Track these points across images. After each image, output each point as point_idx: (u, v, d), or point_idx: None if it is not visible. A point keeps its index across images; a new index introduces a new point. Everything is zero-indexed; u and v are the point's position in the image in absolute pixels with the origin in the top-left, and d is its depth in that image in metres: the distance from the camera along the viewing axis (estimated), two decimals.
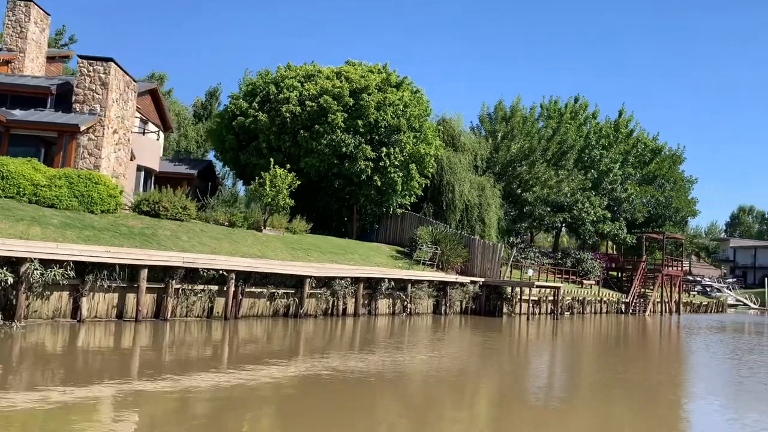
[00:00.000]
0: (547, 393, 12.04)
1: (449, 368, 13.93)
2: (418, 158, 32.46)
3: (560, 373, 15.30)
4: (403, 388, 11.18)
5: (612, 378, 14.36)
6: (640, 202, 46.85)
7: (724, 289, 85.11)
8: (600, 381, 14.10)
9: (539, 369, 15.62)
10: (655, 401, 11.68)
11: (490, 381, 13.05)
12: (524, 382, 13.23)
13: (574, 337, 24.56)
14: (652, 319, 38.62)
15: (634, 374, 15.32)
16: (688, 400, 12.42)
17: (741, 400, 12.26)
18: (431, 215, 34.36)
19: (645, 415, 10.17)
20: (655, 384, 14.03)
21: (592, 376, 15.01)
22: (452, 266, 30.26)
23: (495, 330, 23.35)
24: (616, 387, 13.09)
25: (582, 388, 13.12)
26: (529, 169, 38.58)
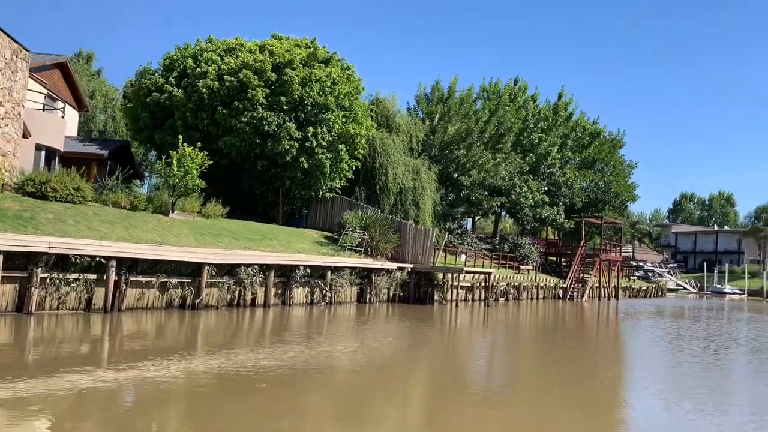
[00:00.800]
0: (479, 384, 11.17)
1: (376, 361, 12.64)
2: (347, 139, 30.71)
3: (492, 363, 14.17)
4: (326, 385, 10.00)
5: (546, 367, 13.36)
6: (579, 186, 46.24)
7: (665, 274, 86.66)
8: (534, 370, 12.95)
9: (470, 359, 14.39)
10: (590, 389, 11.03)
11: (420, 374, 12.03)
12: (456, 374, 12.08)
13: (507, 324, 23.40)
14: (589, 305, 38.07)
15: (567, 361, 14.16)
16: (622, 389, 11.62)
17: (673, 385, 11.18)
18: (363, 199, 32.72)
19: (580, 404, 9.77)
20: (589, 370, 12.89)
21: (526, 366, 13.84)
22: (382, 252, 28.72)
23: (424, 318, 21.94)
24: (550, 376, 12.06)
25: (516, 378, 12.18)
26: (466, 152, 37.26)
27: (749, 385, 12.54)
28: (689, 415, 9.27)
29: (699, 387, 11.64)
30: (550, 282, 39.99)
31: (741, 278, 78.67)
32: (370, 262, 24.83)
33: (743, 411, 9.64)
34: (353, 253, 27.06)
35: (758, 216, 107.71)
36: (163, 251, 17.35)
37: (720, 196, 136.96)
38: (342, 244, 27.04)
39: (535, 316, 28.45)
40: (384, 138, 33.26)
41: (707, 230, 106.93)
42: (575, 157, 46.36)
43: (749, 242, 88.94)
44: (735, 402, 10.56)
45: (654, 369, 14.10)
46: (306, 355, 12.48)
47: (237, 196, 33.18)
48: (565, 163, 46.11)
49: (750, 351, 17.94)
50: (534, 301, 36.54)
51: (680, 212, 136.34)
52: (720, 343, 19.51)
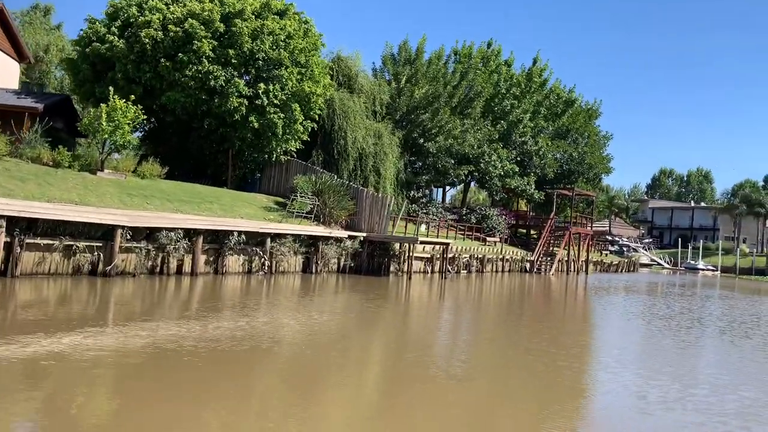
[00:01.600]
0: (434, 362, 10.05)
1: (320, 337, 11.29)
2: (302, 98, 28.72)
3: (445, 339, 12.79)
4: (263, 364, 8.86)
5: (503, 343, 12.11)
6: (552, 157, 44.62)
7: (640, 249, 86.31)
8: (493, 347, 11.61)
9: (424, 334, 12.93)
10: (550, 367, 9.93)
11: (370, 350, 10.96)
12: (410, 351, 10.90)
13: (462, 298, 21.97)
14: (556, 279, 36.90)
15: (520, 341, 12.74)
16: (581, 365, 10.46)
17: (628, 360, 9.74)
18: (320, 164, 30.88)
19: (541, 383, 8.99)
20: (540, 347, 11.44)
21: (481, 342, 12.47)
22: (336, 220, 27.06)
23: (374, 290, 20.42)
24: (507, 359, 10.64)
25: (472, 355, 11.07)
26: (432, 117, 35.38)
27: (714, 371, 11.20)
28: (653, 406, 7.86)
29: (661, 368, 10.26)
30: (517, 255, 38.69)
31: (715, 255, 78.44)
32: (316, 230, 23.12)
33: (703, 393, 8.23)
34: (304, 220, 25.36)
35: (734, 193, 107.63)
36: (66, 211, 15.48)
37: (698, 172, 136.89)
38: (290, 210, 25.30)
39: (494, 290, 27.10)
40: (344, 99, 31.30)
41: (684, 206, 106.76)
42: (548, 126, 44.56)
43: (725, 219, 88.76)
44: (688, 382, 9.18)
45: (615, 352, 12.71)
46: (233, 329, 10.88)
47: (187, 158, 31.20)
48: (538, 132, 44.40)
49: (715, 332, 16.68)
50: (499, 275, 35.25)
51: (659, 188, 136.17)
52: (682, 322, 18.25)
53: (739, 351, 13.43)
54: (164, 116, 28.73)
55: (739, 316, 21.03)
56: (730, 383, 9.68)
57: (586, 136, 48.50)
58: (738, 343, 14.66)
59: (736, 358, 12.62)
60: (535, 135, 44.14)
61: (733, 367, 11.46)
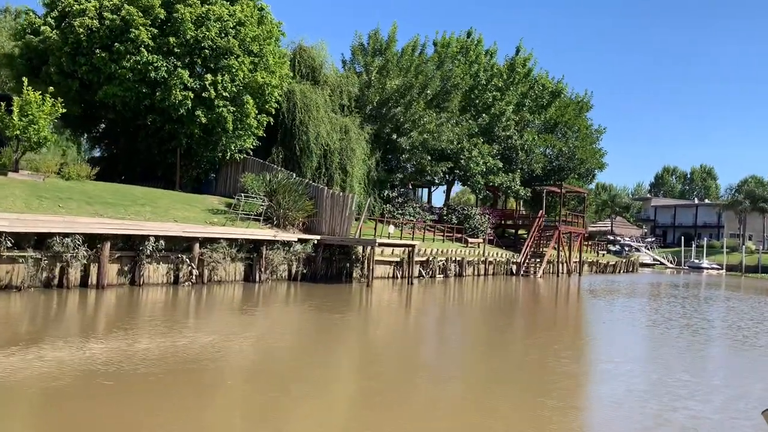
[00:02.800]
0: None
1: (248, 360, 9.57)
2: (256, 90, 26.28)
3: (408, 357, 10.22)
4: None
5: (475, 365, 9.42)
6: (540, 152, 41.91)
7: (642, 248, 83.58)
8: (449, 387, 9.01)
9: (382, 352, 10.40)
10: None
11: (326, 371, 9.26)
12: (370, 369, 9.40)
13: (423, 308, 19.44)
14: (544, 282, 34.26)
15: (474, 370, 10.15)
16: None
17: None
18: (281, 162, 28.42)
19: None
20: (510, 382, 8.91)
21: (432, 377, 9.90)
22: (292, 222, 24.58)
23: (322, 301, 17.93)
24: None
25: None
26: (405, 110, 32.85)
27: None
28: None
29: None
30: (502, 256, 36.05)
31: (720, 253, 75.70)
32: (256, 232, 20.55)
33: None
34: (254, 222, 22.87)
35: (739, 189, 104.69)
36: None
37: (702, 169, 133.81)
38: (235, 212, 22.82)
39: (468, 296, 24.51)
40: (306, 91, 28.85)
41: (687, 203, 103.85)
42: (534, 119, 41.86)
43: (729, 216, 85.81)
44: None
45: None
46: (141, 351, 8.46)
47: (137, 160, 28.85)
48: (524, 126, 41.70)
49: (722, 349, 14.08)
50: (481, 278, 32.64)
51: (662, 186, 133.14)
52: (678, 332, 15.65)
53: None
54: (106, 113, 26.39)
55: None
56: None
57: (577, 130, 45.82)
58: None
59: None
60: (521, 129, 41.49)
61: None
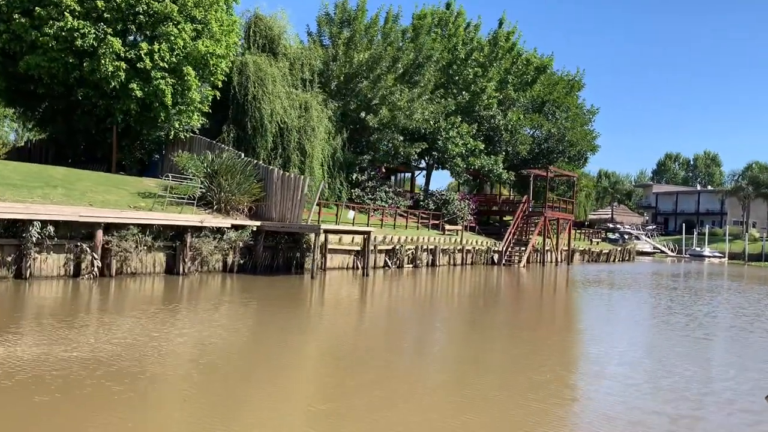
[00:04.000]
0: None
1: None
2: (198, 60, 23.72)
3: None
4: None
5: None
6: (525, 132, 39.12)
7: (642, 236, 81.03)
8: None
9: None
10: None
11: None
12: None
13: (374, 305, 16.95)
14: (527, 272, 31.74)
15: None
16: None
17: None
18: (232, 141, 25.93)
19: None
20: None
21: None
22: (236, 207, 22.11)
23: (256, 296, 15.51)
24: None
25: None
26: (373, 85, 30.17)
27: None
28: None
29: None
30: (482, 244, 33.49)
31: (722, 241, 73.08)
32: (176, 217, 17.99)
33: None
34: (188, 207, 20.40)
35: (743, 175, 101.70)
36: None
37: (706, 155, 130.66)
38: (174, 196, 20.34)
39: (433, 289, 22.00)
40: (261, 64, 26.28)
41: (689, 190, 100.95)
42: (520, 96, 39.02)
43: (732, 202, 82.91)
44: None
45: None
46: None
47: (76, 141, 26.46)
48: (509, 105, 38.88)
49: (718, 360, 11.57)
50: (457, 268, 30.12)
51: (664, 173, 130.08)
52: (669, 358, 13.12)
53: None
54: (35, 87, 23.88)
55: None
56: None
57: (567, 110, 42.96)
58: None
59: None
60: (506, 108, 38.69)
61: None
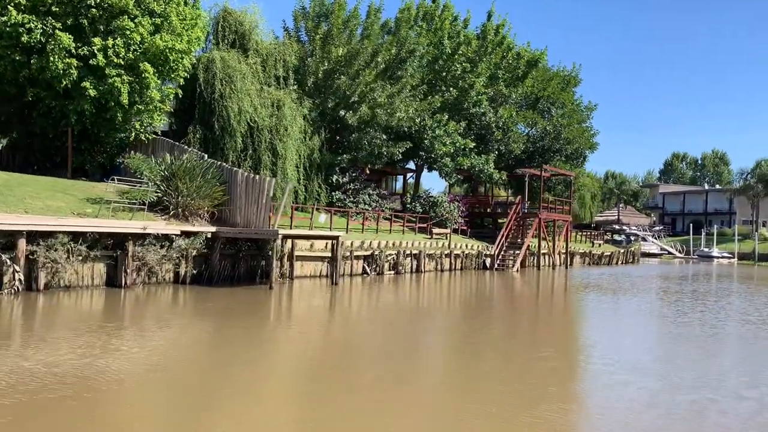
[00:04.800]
0: None
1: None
2: (157, 56, 22.20)
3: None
4: None
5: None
6: (518, 130, 37.28)
7: (648, 237, 79.11)
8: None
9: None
10: None
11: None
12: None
13: (345, 316, 15.30)
14: (521, 276, 29.95)
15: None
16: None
17: None
18: (198, 142, 24.39)
19: None
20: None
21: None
22: (195, 212, 20.52)
23: (207, 312, 13.90)
24: None
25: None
26: (351, 81, 28.51)
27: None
28: None
29: None
30: (473, 248, 31.72)
31: (731, 241, 71.00)
32: (118, 224, 16.34)
33: None
34: (139, 213, 18.82)
35: (752, 173, 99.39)
36: None
37: (714, 154, 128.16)
38: (114, 201, 18.75)
39: (408, 298, 20.31)
40: (229, 60, 24.73)
41: (696, 189, 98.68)
42: (511, 92, 37.18)
43: (741, 201, 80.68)
44: None
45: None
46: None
47: (34, 146, 25.01)
48: (502, 102, 37.06)
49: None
50: (445, 274, 28.37)
51: (672, 173, 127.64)
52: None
53: None
54: None
55: None
56: None
57: (562, 106, 41.11)
58: None
59: None
60: (498, 104, 36.90)
61: None
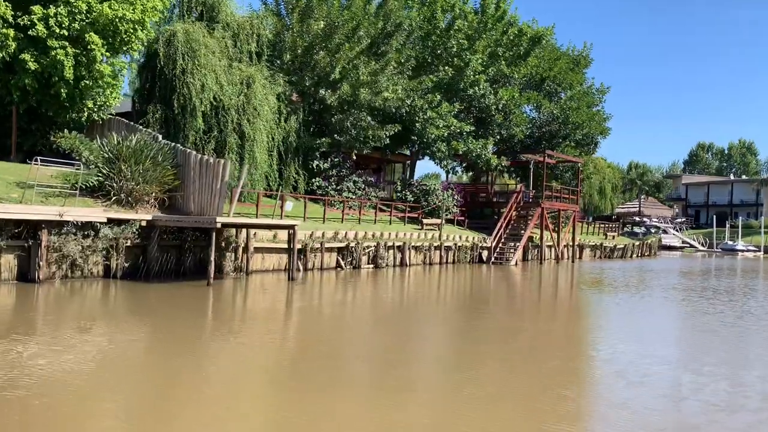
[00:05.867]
0: None
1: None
2: (106, 26, 20.10)
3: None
4: None
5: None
6: (521, 112, 34.49)
7: (670, 229, 75.87)
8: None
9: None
10: None
11: None
12: None
13: (297, 324, 13.13)
14: (519, 271, 27.47)
15: None
16: None
17: None
18: (158, 123, 22.32)
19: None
20: None
21: None
22: (141, 198, 18.44)
23: (127, 316, 11.86)
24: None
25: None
26: (331, 56, 26.15)
27: None
28: None
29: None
30: (467, 240, 29.27)
31: (757, 233, 67.55)
32: (25, 210, 14.24)
33: None
34: (72, 199, 16.80)
35: None
36: None
37: (740, 144, 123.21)
38: (49, 186, 16.74)
39: (378, 297, 18.03)
40: (193, 33, 22.57)
41: (721, 180, 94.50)
42: (513, 72, 34.32)
43: None
44: None
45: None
46: None
47: None
48: (505, 83, 34.29)
49: None
50: (435, 268, 26.01)
51: (697, 163, 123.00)
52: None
53: None
54: None
55: None
56: None
57: (569, 87, 38.19)
58: None
59: None
60: (500, 85, 34.15)
61: None
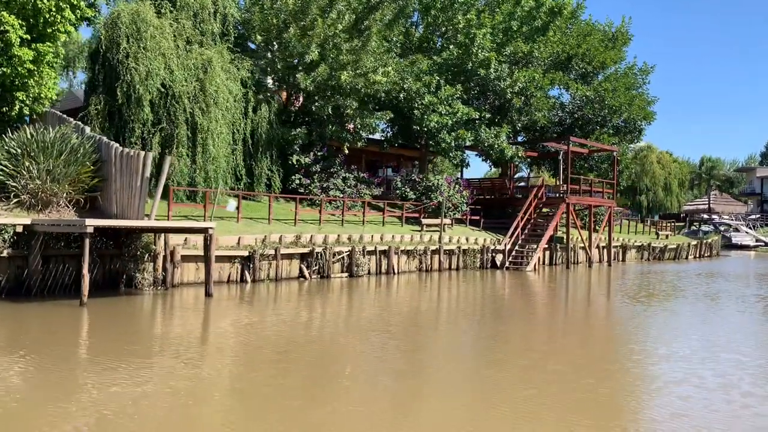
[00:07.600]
0: None
1: None
2: (24, 5, 17.58)
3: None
4: None
5: None
6: (543, 95, 29.78)
7: (741, 227, 68.83)
8: None
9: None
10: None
11: None
12: None
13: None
14: (538, 278, 23.31)
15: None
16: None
17: None
18: (101, 115, 19.71)
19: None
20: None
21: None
22: (50, 199, 15.73)
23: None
24: None
25: None
26: (302, 35, 22.78)
27: None
28: None
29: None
30: (475, 242, 25.28)
31: None
32: None
33: None
34: None
35: None
36: None
37: None
38: None
39: (308, 323, 14.55)
40: (141, 14, 19.84)
41: None
42: (533, 49, 29.52)
43: None
44: None
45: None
46: None
47: None
48: (525, 63, 29.82)
49: None
50: (434, 275, 22.21)
51: None
52: None
53: None
54: None
55: None
56: None
57: (601, 66, 33.22)
58: None
59: None
60: (520, 67, 29.66)
61: None
